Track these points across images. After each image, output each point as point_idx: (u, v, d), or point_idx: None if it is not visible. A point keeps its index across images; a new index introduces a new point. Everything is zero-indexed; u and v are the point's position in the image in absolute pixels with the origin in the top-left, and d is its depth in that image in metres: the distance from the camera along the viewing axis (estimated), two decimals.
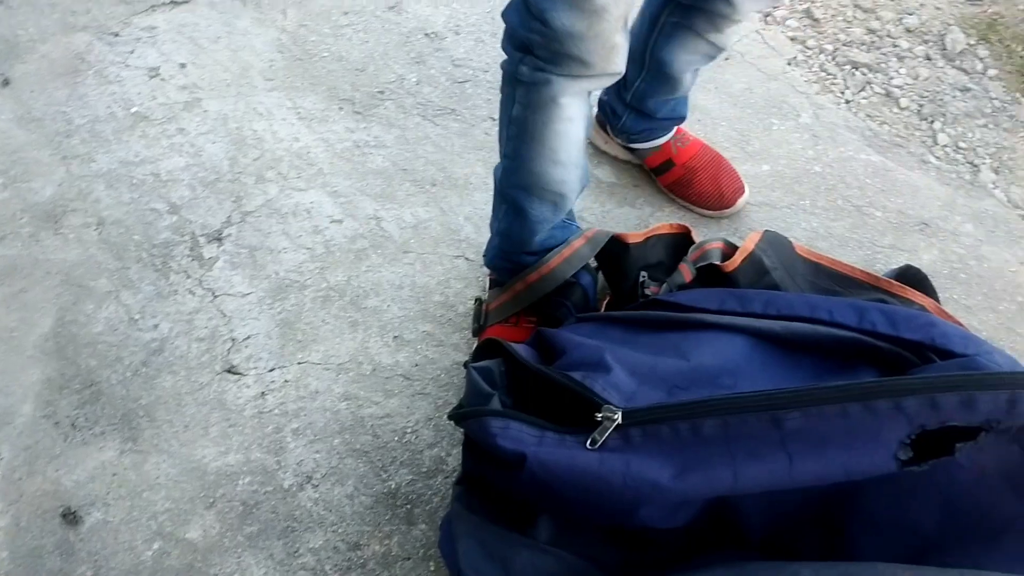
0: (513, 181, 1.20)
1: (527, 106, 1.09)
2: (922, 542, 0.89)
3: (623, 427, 0.86)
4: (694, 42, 1.31)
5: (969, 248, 1.57)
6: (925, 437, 0.82)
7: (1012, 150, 1.79)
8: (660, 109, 1.46)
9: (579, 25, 0.97)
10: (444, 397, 1.32)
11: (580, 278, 1.26)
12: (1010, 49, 2.03)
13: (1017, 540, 0.85)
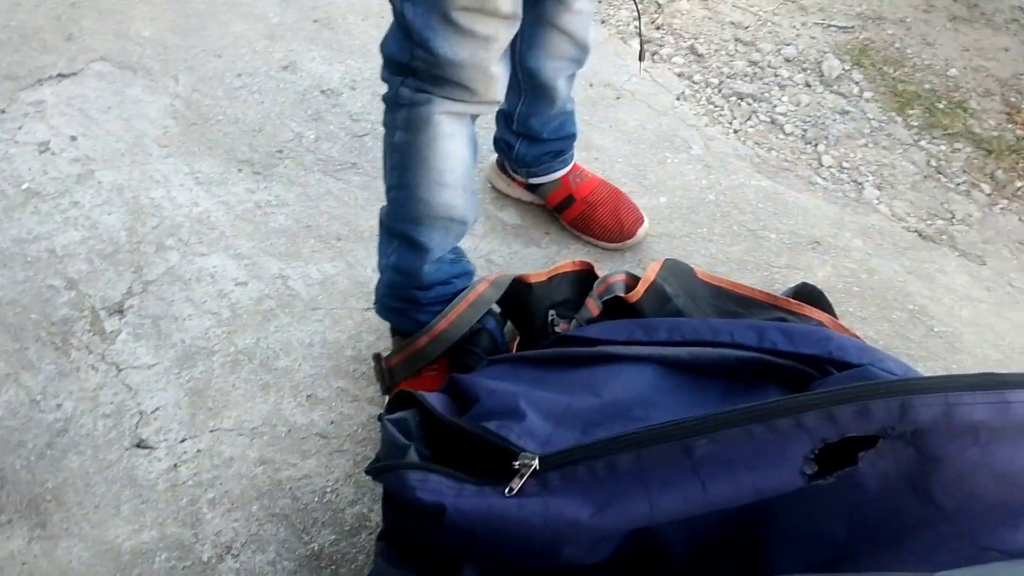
0: (402, 215, 1.21)
1: (408, 128, 1.12)
2: (834, 551, 0.91)
3: (540, 472, 0.88)
4: (555, 39, 1.36)
5: (859, 262, 1.64)
6: (828, 450, 0.85)
7: (892, 167, 1.89)
8: (546, 128, 1.50)
9: (462, 53, 1.02)
10: (363, 453, 1.30)
11: (486, 323, 1.27)
12: (882, 72, 2.14)
13: (920, 540, 0.89)
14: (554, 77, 1.42)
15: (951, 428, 0.82)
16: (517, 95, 1.47)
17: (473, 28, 1.01)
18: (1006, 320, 1.60)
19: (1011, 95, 2.14)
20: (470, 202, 1.23)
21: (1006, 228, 1.80)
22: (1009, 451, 0.83)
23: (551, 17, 1.33)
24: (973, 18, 2.37)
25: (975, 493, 0.86)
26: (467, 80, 1.06)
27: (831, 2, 2.34)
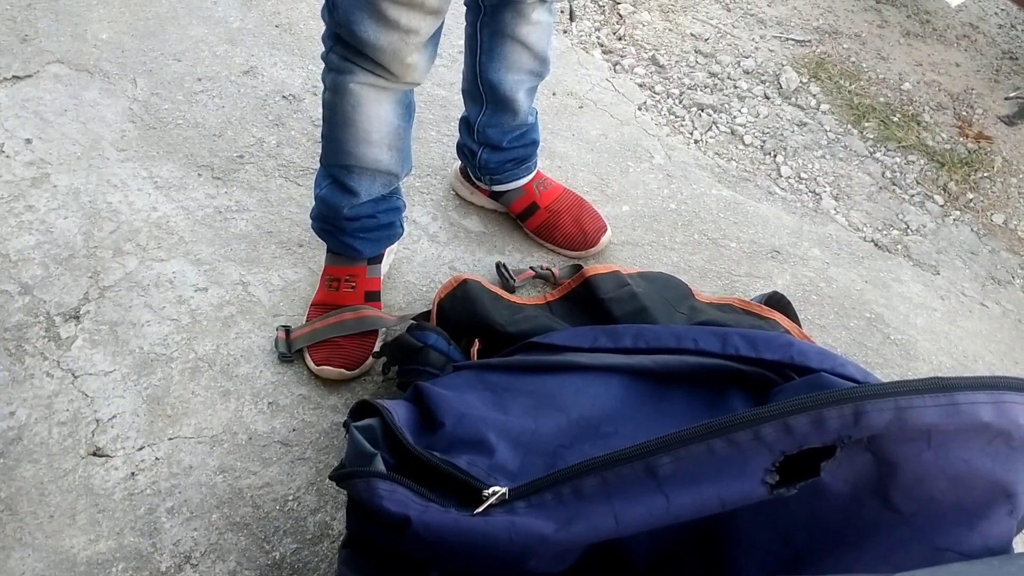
0: (332, 160, 1.31)
1: (335, 91, 1.21)
2: (796, 556, 0.93)
3: (508, 501, 0.88)
4: (514, 52, 1.39)
5: (818, 271, 1.67)
6: (790, 461, 0.86)
7: (848, 177, 1.93)
8: (507, 138, 1.51)
9: (382, 40, 1.09)
10: (325, 460, 1.29)
11: (426, 339, 1.27)
12: (839, 85, 2.18)
13: (880, 542, 0.90)
14: (514, 89, 1.44)
15: (904, 432, 0.83)
16: (479, 105, 1.48)
17: (397, 19, 1.07)
18: (959, 328, 1.64)
19: (962, 109, 2.20)
20: (397, 158, 1.31)
21: (958, 239, 1.84)
22: (961, 452, 0.85)
23: (510, 29, 1.36)
24: (926, 33, 2.43)
25: (931, 495, 0.88)
26: (385, 63, 1.13)
27: (789, 16, 2.38)
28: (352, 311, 1.39)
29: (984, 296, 1.72)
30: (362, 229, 1.39)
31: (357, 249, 1.41)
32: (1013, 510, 0.89)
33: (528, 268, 1.54)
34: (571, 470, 0.88)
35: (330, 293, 1.43)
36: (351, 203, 1.34)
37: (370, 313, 1.39)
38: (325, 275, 1.45)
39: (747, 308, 1.45)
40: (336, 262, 1.44)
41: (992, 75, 2.34)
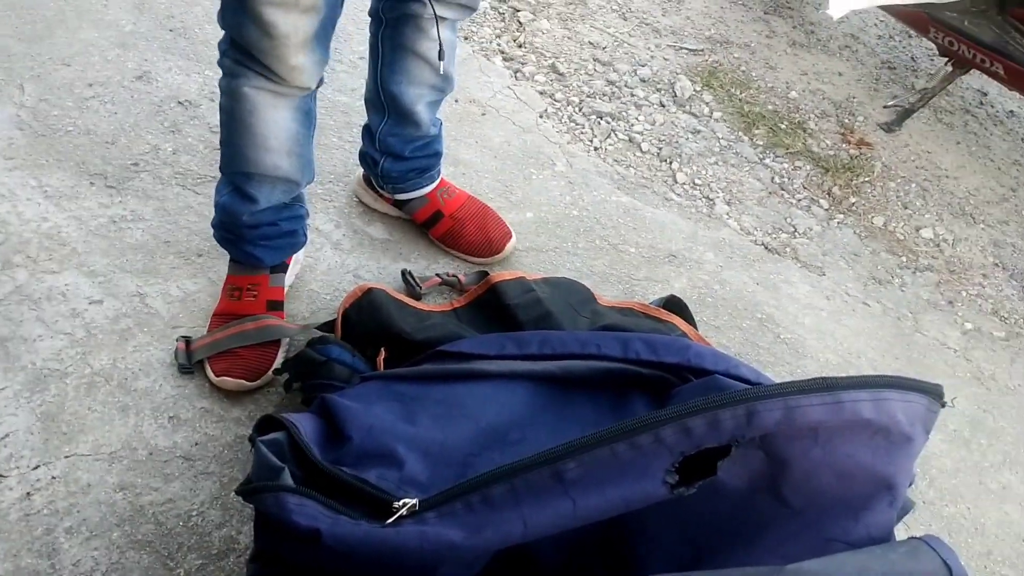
0: (232, 167, 1.30)
1: (231, 96, 1.21)
2: (696, 552, 0.97)
3: (419, 512, 0.89)
4: (415, 66, 1.40)
5: (712, 274, 1.74)
6: (688, 462, 0.90)
7: (740, 183, 2.00)
8: (408, 148, 1.52)
9: (264, 42, 1.11)
10: (230, 474, 1.27)
11: (328, 352, 1.27)
12: (730, 93, 2.27)
13: (773, 536, 0.95)
14: (415, 102, 1.45)
15: (793, 430, 0.88)
16: (381, 115, 1.48)
17: (275, 21, 1.08)
18: (844, 326, 1.73)
19: (845, 116, 2.31)
20: (297, 164, 1.31)
21: (842, 241, 1.94)
22: (846, 448, 0.91)
23: (410, 44, 1.37)
24: (811, 44, 2.55)
25: (819, 490, 0.93)
26: (272, 66, 1.14)
27: (682, 26, 2.46)
28: (253, 320, 1.37)
29: (866, 295, 1.82)
30: (263, 237, 1.37)
31: (258, 257, 1.39)
32: (893, 501, 0.95)
33: (434, 275, 1.55)
34: (480, 479, 0.90)
35: (231, 303, 1.41)
36: (251, 210, 1.33)
37: (272, 322, 1.38)
38: (227, 284, 1.43)
39: (647, 312, 1.50)
40: (238, 271, 1.42)
41: (872, 84, 2.47)
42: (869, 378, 0.92)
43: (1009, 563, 1.45)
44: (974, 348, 1.80)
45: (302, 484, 0.94)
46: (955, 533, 1.45)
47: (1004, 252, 2.07)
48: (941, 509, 1.48)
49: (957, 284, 1.94)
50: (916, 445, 0.96)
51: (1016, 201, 2.23)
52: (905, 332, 1.77)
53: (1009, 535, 1.48)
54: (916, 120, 2.36)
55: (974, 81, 2.58)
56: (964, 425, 1.63)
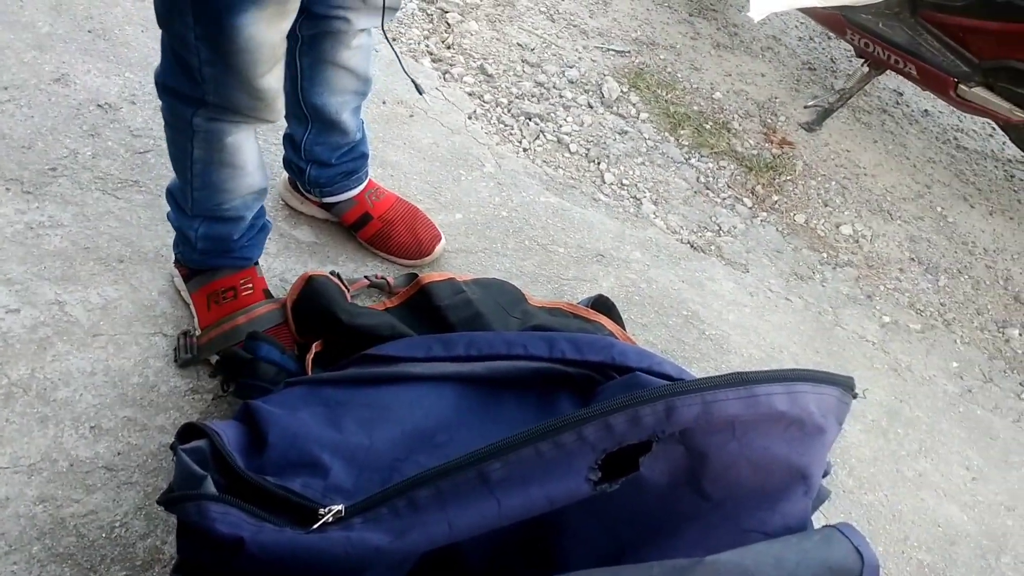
0: (208, 205, 1.31)
1: (207, 148, 1.22)
2: (620, 547, 0.99)
3: (345, 518, 0.89)
4: (336, 76, 1.40)
5: (639, 273, 1.76)
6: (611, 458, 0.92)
7: (666, 183, 2.04)
8: (334, 155, 1.52)
9: (255, 102, 1.14)
10: (154, 484, 1.25)
11: (256, 350, 1.26)
12: (656, 95, 2.31)
13: (694, 528, 0.97)
14: (339, 111, 1.45)
15: (711, 424, 0.90)
16: (304, 126, 1.48)
17: (270, 85, 1.12)
18: (766, 322, 1.77)
19: (767, 116, 2.37)
20: (263, 173, 1.34)
21: (765, 238, 1.99)
22: (762, 441, 0.93)
23: (330, 56, 1.37)
24: (734, 45, 2.60)
25: (737, 482, 0.96)
26: (261, 114, 1.18)
27: (609, 27, 2.49)
28: (260, 306, 1.40)
29: (788, 291, 1.87)
30: (249, 237, 1.41)
31: (248, 257, 1.43)
32: (808, 490, 0.99)
33: (363, 277, 1.54)
34: (406, 483, 0.91)
35: (226, 305, 1.41)
36: (239, 228, 1.36)
37: (276, 304, 1.42)
38: (211, 291, 1.42)
39: (575, 312, 1.52)
40: (225, 274, 1.42)
41: (793, 84, 2.54)
42: (783, 372, 0.95)
43: (925, 547, 1.50)
44: (891, 340, 1.86)
45: (226, 492, 0.93)
46: (873, 520, 1.50)
47: (920, 247, 2.14)
48: (860, 497, 1.53)
49: (875, 279, 2.01)
50: (829, 436, 0.99)
51: (931, 197, 2.31)
52: (826, 326, 1.83)
53: (925, 520, 1.54)
54: (836, 120, 2.43)
55: (890, 81, 2.67)
56: (882, 415, 1.69)
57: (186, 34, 1.05)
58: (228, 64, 1.07)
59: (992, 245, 2.23)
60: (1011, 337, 1.99)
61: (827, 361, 1.74)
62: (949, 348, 1.91)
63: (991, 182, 2.45)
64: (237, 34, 1.03)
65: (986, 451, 1.71)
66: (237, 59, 1.07)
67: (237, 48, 1.05)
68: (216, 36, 1.04)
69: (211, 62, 1.08)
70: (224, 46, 1.05)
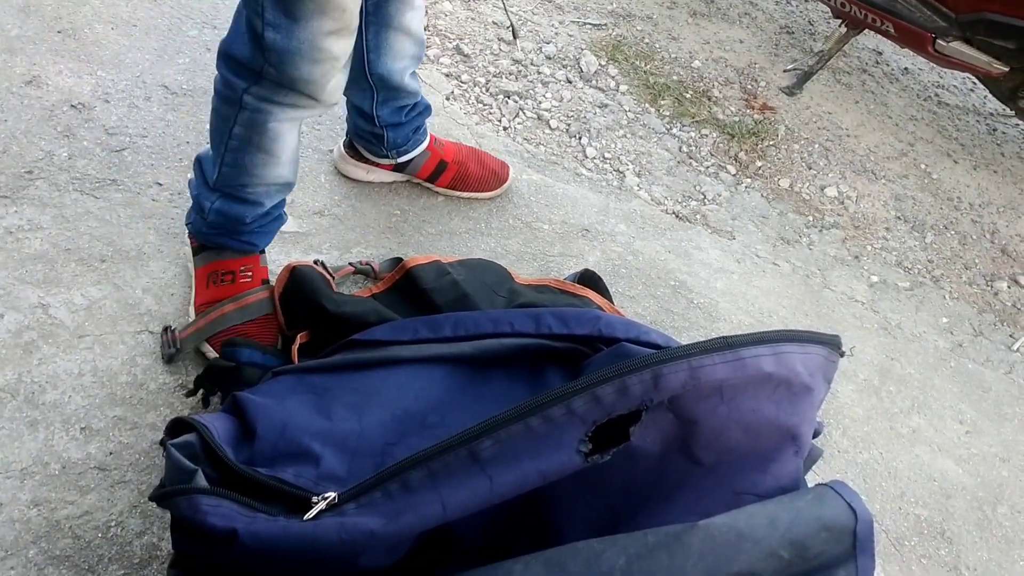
0: (233, 182, 1.30)
1: (249, 127, 1.22)
2: (615, 516, 0.99)
3: (338, 505, 0.89)
4: (398, 41, 1.44)
5: (625, 245, 1.76)
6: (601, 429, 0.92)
7: (649, 154, 2.03)
8: (402, 114, 1.58)
9: (317, 72, 1.13)
10: (147, 481, 1.25)
11: (238, 356, 1.27)
12: (635, 66, 2.29)
13: (687, 494, 0.97)
14: (402, 76, 1.50)
15: (699, 389, 0.90)
16: (370, 95, 1.52)
17: (331, 49, 1.10)
18: (754, 287, 1.77)
19: (748, 83, 2.36)
20: (295, 168, 1.35)
21: (750, 204, 1.99)
22: (750, 403, 0.93)
23: (395, 21, 1.41)
24: (711, 13, 2.59)
25: (728, 445, 0.96)
26: (315, 92, 1.16)
27: (584, 1, 2.47)
28: (252, 294, 1.40)
29: (775, 256, 1.87)
30: (261, 226, 1.41)
31: (255, 244, 1.43)
32: (798, 450, 0.99)
33: (347, 264, 1.54)
34: (398, 466, 0.90)
35: (222, 288, 1.41)
36: (255, 212, 1.36)
37: (268, 292, 1.41)
38: (210, 272, 1.42)
39: (562, 287, 1.51)
40: (228, 256, 1.43)
41: (772, 49, 2.53)
42: (768, 333, 0.95)
43: (922, 503, 1.51)
44: (880, 299, 1.86)
45: (217, 485, 0.92)
46: (869, 478, 1.51)
47: (905, 205, 2.14)
48: (855, 456, 1.53)
49: (862, 239, 2.01)
50: (817, 395, 0.99)
51: (914, 155, 2.31)
52: (814, 289, 1.83)
53: (920, 476, 1.55)
54: (816, 82, 2.42)
55: (869, 41, 2.66)
56: (873, 374, 1.69)
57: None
58: (293, 16, 1.06)
59: (977, 199, 2.23)
60: (999, 290, 2.00)
61: (817, 323, 1.74)
62: (938, 304, 1.91)
63: (974, 137, 2.45)
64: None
65: (979, 404, 1.71)
66: (303, 8, 1.05)
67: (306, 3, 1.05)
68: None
69: (275, 24, 1.07)
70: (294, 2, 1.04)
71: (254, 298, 1.40)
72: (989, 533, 1.51)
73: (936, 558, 1.44)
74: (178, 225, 1.54)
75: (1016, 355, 1.86)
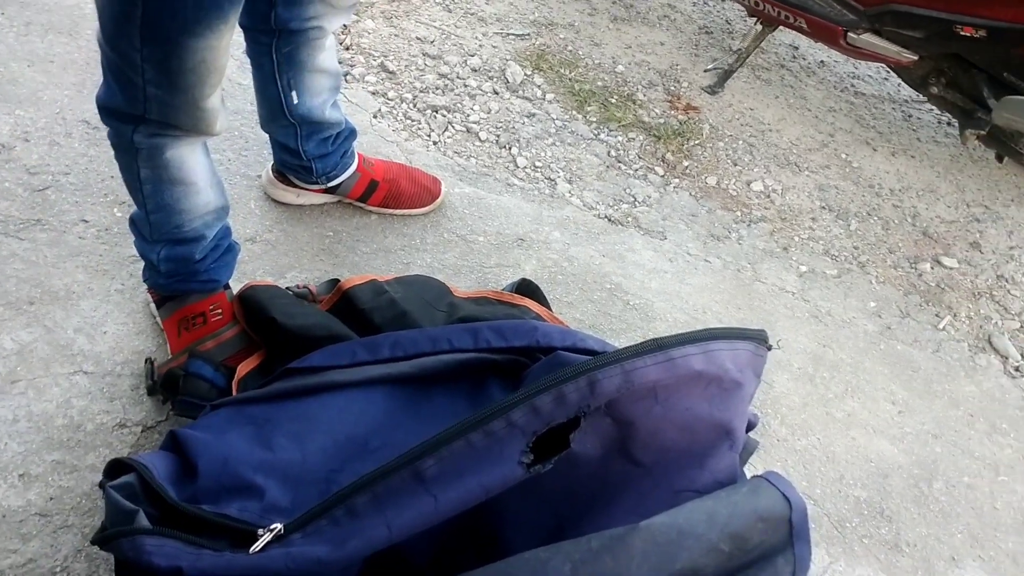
0: (167, 228, 1.30)
1: (152, 166, 1.22)
2: (560, 524, 1.00)
3: (284, 536, 0.89)
4: (314, 81, 1.47)
5: (560, 252, 1.78)
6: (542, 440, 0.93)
7: (578, 161, 2.06)
8: (331, 143, 1.59)
9: (196, 119, 1.15)
10: (91, 524, 1.23)
11: (188, 367, 1.26)
12: (560, 74, 2.32)
13: (628, 496, 1.00)
14: (323, 111, 1.52)
15: (633, 392, 0.93)
16: (294, 132, 1.54)
17: (211, 102, 1.14)
18: (688, 285, 1.81)
19: (670, 84, 2.41)
20: (220, 189, 1.34)
21: (680, 204, 2.03)
22: (684, 402, 0.96)
23: (310, 64, 1.43)
24: (631, 17, 2.63)
25: (665, 445, 0.99)
26: (199, 131, 1.19)
27: (506, 12, 2.50)
28: (229, 329, 1.39)
29: (706, 253, 1.91)
30: (215, 259, 1.40)
31: (216, 279, 1.41)
32: (733, 444, 1.02)
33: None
34: (343, 492, 0.91)
35: (195, 331, 1.39)
36: (201, 247, 1.35)
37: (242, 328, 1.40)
38: (179, 319, 1.40)
39: (500, 298, 1.53)
40: (193, 300, 1.41)
41: (692, 50, 2.58)
42: (696, 333, 0.98)
43: (861, 484, 1.56)
44: (810, 288, 1.92)
45: (160, 524, 0.92)
46: (809, 464, 1.55)
47: (829, 195, 2.21)
48: (794, 443, 1.58)
49: (789, 231, 2.06)
50: (747, 389, 1.02)
51: (835, 146, 2.38)
52: (746, 282, 1.87)
53: (858, 458, 1.60)
54: (736, 80, 2.48)
55: (785, 37, 2.73)
56: (807, 362, 1.74)
57: (132, 54, 1.05)
58: (175, 84, 1.08)
59: (897, 185, 2.31)
60: (923, 271, 2.07)
61: (750, 316, 1.79)
62: (866, 289, 1.97)
63: (890, 124, 2.53)
64: (190, 56, 1.04)
65: (909, 384, 1.77)
66: (185, 80, 1.07)
67: (187, 69, 1.06)
68: (167, 57, 1.04)
69: (157, 83, 1.08)
70: (174, 67, 1.06)
71: (231, 332, 1.39)
72: (926, 508, 1.56)
73: (877, 537, 1.49)
74: (107, 261, 1.52)
75: (942, 334, 1.92)
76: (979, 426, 1.73)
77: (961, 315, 1.99)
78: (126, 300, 1.48)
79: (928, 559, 1.48)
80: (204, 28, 1.02)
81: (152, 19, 1.00)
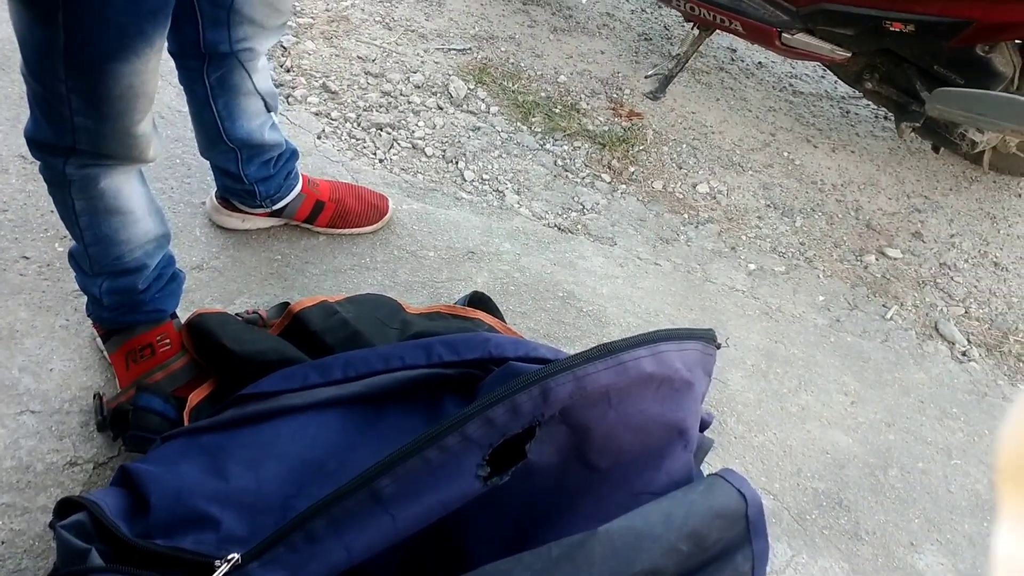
0: (108, 258, 1.28)
1: (86, 197, 1.20)
2: (522, 531, 1.01)
3: (242, 565, 0.88)
4: (249, 104, 1.46)
5: (511, 263, 1.79)
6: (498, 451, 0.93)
7: (525, 172, 2.07)
8: (271, 167, 1.58)
9: (130, 150, 1.15)
10: (44, 567, 1.20)
11: (136, 401, 1.25)
12: (503, 87, 2.33)
13: (587, 502, 1.00)
14: (261, 133, 1.51)
15: (586, 398, 0.93)
16: (234, 157, 1.52)
17: (142, 129, 1.12)
18: (639, 289, 1.82)
19: (613, 92, 2.43)
20: (159, 218, 1.32)
21: (628, 209, 2.05)
22: (637, 405, 0.97)
23: (243, 87, 1.42)
24: (571, 28, 2.66)
25: (621, 448, 0.99)
26: (132, 159, 1.18)
27: (447, 27, 2.50)
28: (177, 359, 1.36)
29: (656, 256, 1.93)
30: (159, 289, 1.38)
31: (162, 309, 1.38)
32: (687, 444, 1.03)
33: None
34: (300, 517, 0.90)
35: (144, 363, 1.36)
36: (144, 276, 1.32)
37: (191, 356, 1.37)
38: (126, 352, 1.37)
39: (453, 312, 1.52)
40: (139, 331, 1.38)
41: (633, 57, 2.61)
42: (645, 336, 0.99)
43: (818, 476, 1.58)
44: (760, 286, 1.94)
45: (114, 561, 0.90)
46: (766, 459, 1.57)
47: (773, 193, 2.24)
48: (751, 440, 1.59)
49: (736, 230, 2.09)
50: (698, 388, 1.03)
51: (776, 145, 2.42)
52: (696, 283, 1.89)
53: (814, 451, 1.62)
54: (677, 85, 2.51)
55: (723, 40, 2.78)
56: (760, 359, 1.76)
57: (57, 85, 1.03)
58: (103, 113, 1.07)
59: (839, 180, 2.35)
60: (869, 263, 2.11)
61: (702, 316, 1.81)
62: (814, 284, 2.00)
63: (829, 121, 2.58)
64: (116, 83, 1.03)
65: (860, 374, 1.80)
66: (113, 107, 1.06)
67: (114, 96, 1.05)
68: (92, 85, 1.03)
69: (85, 112, 1.06)
70: (100, 95, 1.04)
71: (181, 362, 1.37)
72: (883, 496, 1.59)
73: (837, 527, 1.51)
74: (50, 298, 1.49)
75: (890, 323, 1.96)
76: (930, 412, 1.77)
77: (907, 304, 2.03)
78: (71, 336, 1.46)
79: (887, 546, 1.51)
80: (129, 53, 1.01)
81: (74, 47, 0.99)
